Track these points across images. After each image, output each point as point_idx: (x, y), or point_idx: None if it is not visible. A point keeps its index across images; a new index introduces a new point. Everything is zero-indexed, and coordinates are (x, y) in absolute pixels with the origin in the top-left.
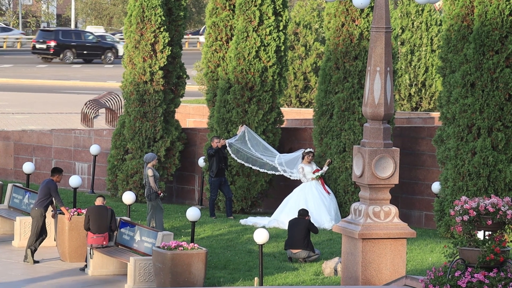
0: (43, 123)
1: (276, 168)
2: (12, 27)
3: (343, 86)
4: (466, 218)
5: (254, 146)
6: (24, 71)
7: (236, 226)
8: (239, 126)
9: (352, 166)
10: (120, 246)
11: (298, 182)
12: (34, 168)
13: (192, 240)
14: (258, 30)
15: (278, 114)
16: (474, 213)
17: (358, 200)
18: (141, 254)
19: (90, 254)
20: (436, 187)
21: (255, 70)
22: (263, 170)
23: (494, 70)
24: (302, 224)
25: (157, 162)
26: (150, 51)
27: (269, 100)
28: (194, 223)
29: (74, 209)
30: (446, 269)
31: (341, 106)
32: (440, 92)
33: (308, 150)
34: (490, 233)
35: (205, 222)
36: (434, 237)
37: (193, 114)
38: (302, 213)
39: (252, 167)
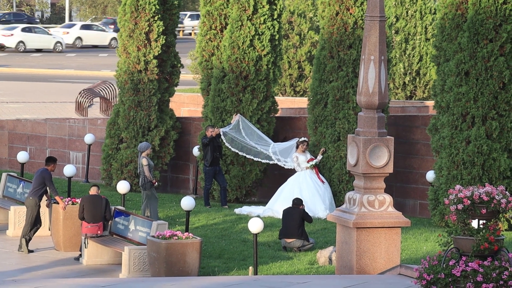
0: (37, 112)
1: (270, 157)
2: None
3: (338, 75)
4: (460, 207)
5: (249, 135)
6: (18, 60)
7: (230, 215)
8: (233, 115)
9: (346, 155)
10: (114, 236)
11: (292, 171)
12: (28, 157)
13: (186, 229)
14: (252, 19)
15: (272, 103)
16: (469, 202)
17: (353, 189)
18: (135, 243)
19: (85, 243)
20: (430, 176)
21: (250, 59)
22: (258, 159)
23: (488, 59)
24: (297, 213)
25: (151, 151)
26: (145, 40)
27: (263, 89)
28: (188, 213)
29: (69, 198)
30: (440, 258)
31: (335, 95)
32: (434, 80)
33: (302, 139)
34: (485, 222)
35: (199, 211)
36: (429, 226)
37: (187, 103)
38: (297, 202)
39: (246, 156)
